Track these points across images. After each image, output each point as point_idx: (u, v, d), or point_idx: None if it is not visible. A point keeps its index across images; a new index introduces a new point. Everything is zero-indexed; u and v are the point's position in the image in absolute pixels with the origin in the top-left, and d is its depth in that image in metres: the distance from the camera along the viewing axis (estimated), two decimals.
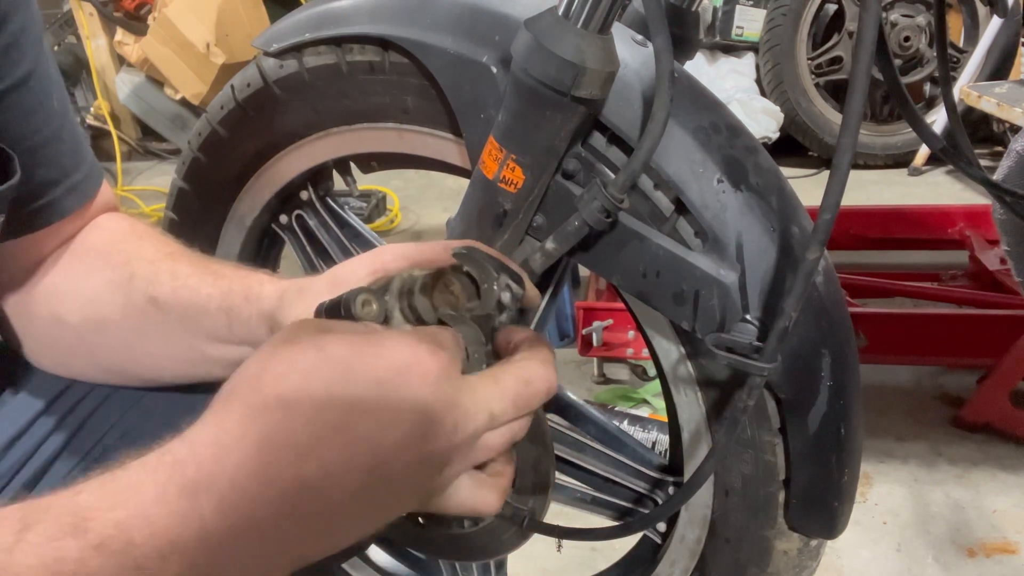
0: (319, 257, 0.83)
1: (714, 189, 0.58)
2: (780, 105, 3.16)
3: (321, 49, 0.69)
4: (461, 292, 0.54)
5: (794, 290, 0.51)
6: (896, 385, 1.75)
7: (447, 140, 0.68)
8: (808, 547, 0.69)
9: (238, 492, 0.36)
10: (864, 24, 0.47)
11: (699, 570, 0.73)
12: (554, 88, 0.52)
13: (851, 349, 0.62)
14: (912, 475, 1.48)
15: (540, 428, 0.58)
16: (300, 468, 0.37)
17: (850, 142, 0.47)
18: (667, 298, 0.59)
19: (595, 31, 0.52)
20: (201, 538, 0.36)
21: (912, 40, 3.07)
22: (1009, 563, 1.28)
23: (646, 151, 0.53)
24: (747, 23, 3.23)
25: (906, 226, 2.11)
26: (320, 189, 0.82)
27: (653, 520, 0.64)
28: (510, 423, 0.46)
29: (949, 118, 0.79)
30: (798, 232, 0.59)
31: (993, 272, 1.85)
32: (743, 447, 0.64)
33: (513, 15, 0.60)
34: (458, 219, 0.62)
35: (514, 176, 0.57)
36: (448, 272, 0.54)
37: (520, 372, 0.46)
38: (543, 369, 0.47)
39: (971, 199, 2.74)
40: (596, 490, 0.76)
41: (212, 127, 0.79)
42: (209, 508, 0.36)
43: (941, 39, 0.77)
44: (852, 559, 1.30)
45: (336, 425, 0.38)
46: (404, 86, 0.67)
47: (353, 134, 0.73)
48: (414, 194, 3.07)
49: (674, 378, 0.66)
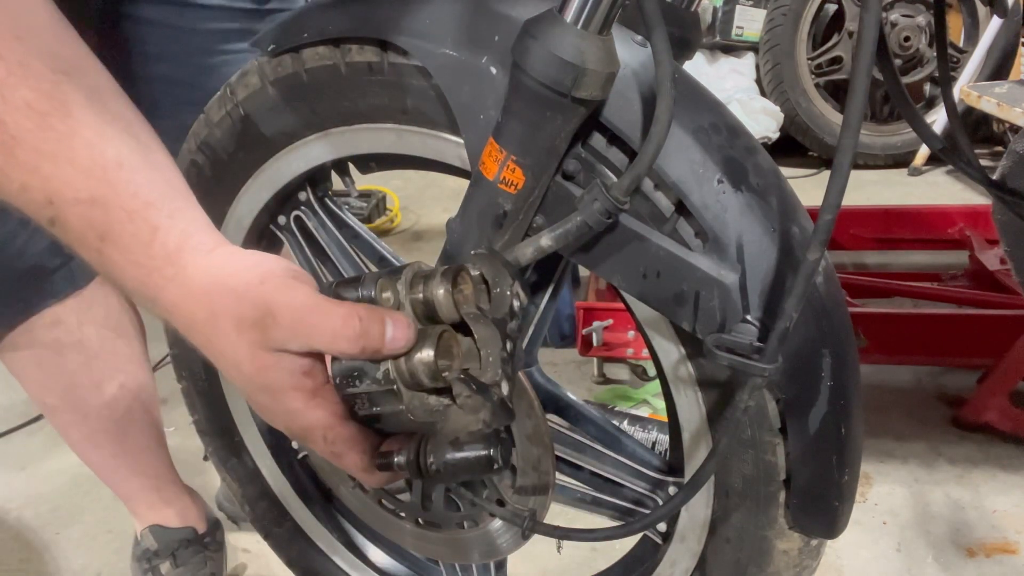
0: (318, 258, 0.83)
1: (714, 190, 0.58)
2: (780, 105, 3.16)
3: (320, 50, 0.69)
4: (472, 292, 0.54)
5: (795, 291, 0.51)
6: (896, 385, 1.75)
7: (446, 141, 0.68)
8: (808, 547, 0.69)
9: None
10: (865, 24, 0.47)
11: (699, 570, 0.73)
12: (554, 89, 0.52)
13: (851, 349, 0.62)
14: (912, 475, 1.48)
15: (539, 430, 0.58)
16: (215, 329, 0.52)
17: (851, 142, 0.47)
18: (667, 299, 0.59)
19: (595, 32, 0.52)
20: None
21: (912, 40, 3.07)
22: (1009, 563, 1.28)
23: (650, 155, 0.53)
24: (747, 23, 3.23)
25: (906, 226, 2.11)
26: (319, 190, 0.82)
27: (654, 521, 0.64)
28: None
29: (949, 118, 0.79)
30: (798, 232, 0.59)
31: (993, 272, 1.85)
32: (743, 447, 0.64)
33: (513, 15, 0.60)
34: (458, 220, 0.62)
35: (514, 177, 0.57)
36: (463, 271, 0.54)
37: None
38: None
39: (971, 199, 2.74)
40: (596, 490, 0.76)
41: (209, 127, 0.79)
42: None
43: (941, 39, 0.77)
44: (852, 559, 1.30)
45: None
46: (403, 87, 0.67)
47: (352, 135, 0.73)
48: (414, 194, 3.07)
49: (674, 378, 0.66)
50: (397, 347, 0.52)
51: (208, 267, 0.52)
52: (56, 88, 0.49)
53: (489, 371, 0.52)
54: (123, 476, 1.18)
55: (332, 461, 0.56)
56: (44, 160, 0.49)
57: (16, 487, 1.60)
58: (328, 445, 0.54)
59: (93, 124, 0.50)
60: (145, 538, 1.21)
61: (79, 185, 0.49)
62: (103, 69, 0.54)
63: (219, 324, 0.51)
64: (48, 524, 1.49)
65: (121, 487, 1.20)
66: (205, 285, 0.51)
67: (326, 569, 1.03)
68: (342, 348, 0.51)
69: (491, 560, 0.85)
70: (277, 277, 0.52)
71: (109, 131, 0.51)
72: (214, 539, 1.26)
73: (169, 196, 0.53)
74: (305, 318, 0.50)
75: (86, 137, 0.49)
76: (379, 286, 0.53)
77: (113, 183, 0.50)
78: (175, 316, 0.53)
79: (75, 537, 1.46)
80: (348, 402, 0.55)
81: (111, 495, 1.22)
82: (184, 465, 1.27)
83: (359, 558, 1.01)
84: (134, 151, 0.52)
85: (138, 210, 0.51)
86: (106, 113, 0.51)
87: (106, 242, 0.51)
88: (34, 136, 0.48)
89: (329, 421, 0.54)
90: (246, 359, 0.52)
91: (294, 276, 0.53)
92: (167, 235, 0.51)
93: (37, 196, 0.49)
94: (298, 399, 0.53)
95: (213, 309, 0.51)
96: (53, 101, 0.49)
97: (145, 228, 0.51)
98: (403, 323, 0.52)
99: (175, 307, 0.52)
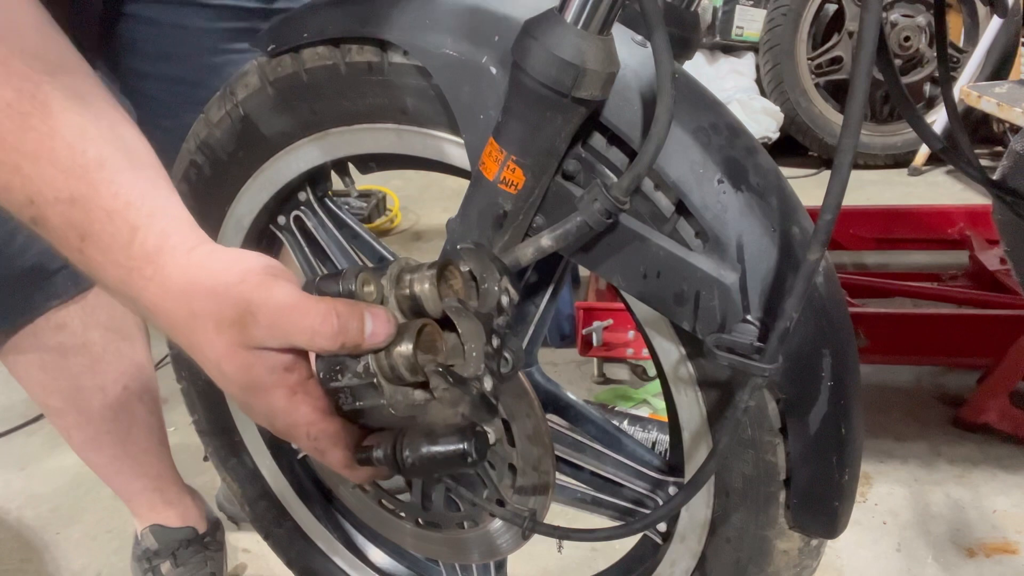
0: (317, 258, 0.83)
1: (715, 190, 0.58)
2: (780, 105, 3.16)
3: (319, 50, 0.69)
4: (461, 288, 0.54)
5: (795, 291, 0.51)
6: (896, 385, 1.75)
7: (446, 141, 0.68)
8: (808, 547, 0.69)
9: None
10: (865, 24, 0.46)
11: (700, 570, 0.73)
12: (554, 89, 0.52)
13: (851, 349, 0.62)
14: (912, 475, 1.48)
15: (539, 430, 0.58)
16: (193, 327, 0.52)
17: (851, 143, 0.47)
18: (668, 299, 0.59)
19: (595, 32, 0.52)
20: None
21: (912, 40, 3.07)
22: (1009, 563, 1.28)
23: (650, 155, 0.53)
24: (747, 23, 3.23)
25: (906, 226, 2.11)
26: (318, 190, 0.82)
27: (654, 521, 0.64)
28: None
29: (949, 118, 0.79)
30: (798, 233, 0.59)
31: (993, 272, 1.85)
32: (744, 447, 0.64)
33: (513, 16, 0.60)
34: (458, 220, 0.61)
35: (514, 177, 0.57)
36: (451, 266, 0.54)
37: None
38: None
39: (971, 199, 2.74)
40: (596, 490, 0.76)
41: (209, 127, 0.79)
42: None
43: (941, 39, 0.77)
44: (852, 559, 1.30)
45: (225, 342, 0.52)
46: (403, 87, 0.67)
47: (351, 135, 0.73)
48: (414, 194, 3.07)
49: (674, 378, 0.66)
50: (377, 341, 0.52)
51: (187, 266, 0.52)
52: (38, 89, 0.50)
53: (471, 365, 0.52)
54: (125, 478, 1.18)
55: (316, 457, 0.56)
56: (25, 160, 0.49)
57: (16, 487, 1.60)
58: (312, 441, 0.54)
59: (75, 124, 0.51)
60: (145, 538, 1.21)
61: (60, 185, 0.50)
62: (89, 70, 0.55)
63: (199, 324, 0.51)
64: (48, 524, 1.49)
65: (123, 488, 1.20)
66: (183, 285, 0.52)
67: (326, 569, 1.03)
68: (321, 345, 0.51)
69: (491, 560, 0.85)
70: (256, 275, 0.52)
71: (91, 131, 0.51)
72: (214, 539, 1.26)
73: (150, 195, 0.53)
74: (284, 316, 0.50)
75: (67, 138, 0.50)
76: (360, 280, 0.53)
77: (94, 183, 0.50)
78: (156, 316, 0.53)
79: (75, 537, 1.46)
80: (332, 397, 0.55)
81: (111, 495, 1.22)
82: (184, 465, 1.27)
83: (359, 558, 1.01)
84: (117, 151, 0.52)
85: (118, 210, 0.51)
86: (88, 113, 0.52)
87: (87, 242, 0.51)
88: (15, 136, 0.49)
89: (312, 417, 0.54)
90: (227, 358, 0.52)
91: (273, 273, 0.53)
92: (146, 235, 0.51)
93: (18, 196, 0.50)
94: (281, 396, 0.53)
95: (192, 309, 0.51)
96: (35, 102, 0.49)
97: (125, 228, 0.51)
98: (383, 317, 0.52)
99: (156, 307, 0.52)
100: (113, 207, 0.51)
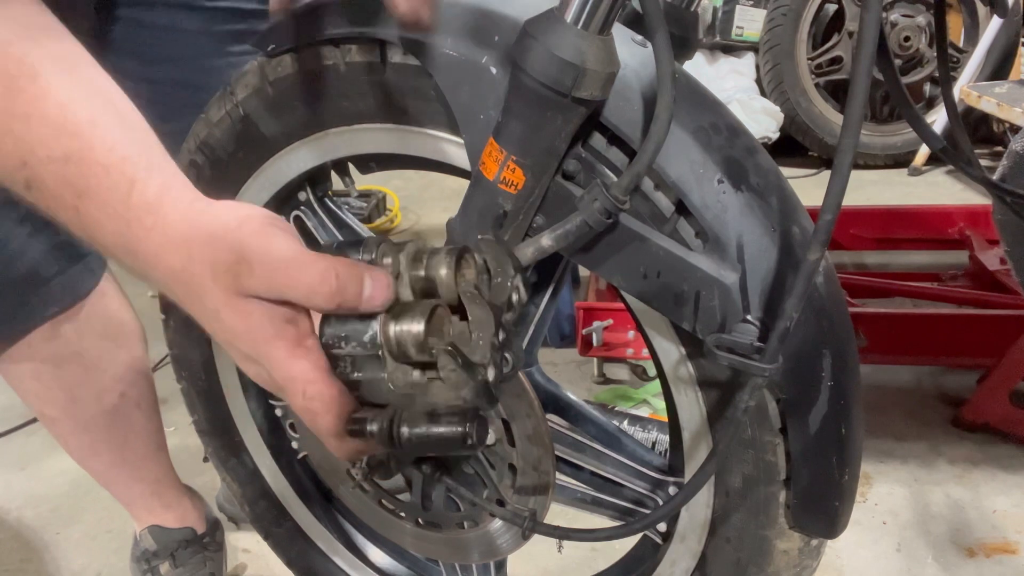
0: None
1: (715, 189, 0.58)
2: (780, 105, 3.16)
3: (320, 50, 0.69)
4: (474, 277, 0.54)
5: (795, 291, 0.51)
6: (896, 385, 1.75)
7: (446, 141, 0.68)
8: (808, 547, 0.69)
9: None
10: (865, 24, 0.47)
11: (700, 570, 0.73)
12: (554, 89, 0.52)
13: (851, 349, 0.62)
14: (912, 475, 1.48)
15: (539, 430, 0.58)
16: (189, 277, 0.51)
17: (851, 143, 0.47)
18: (668, 299, 0.59)
19: (595, 32, 0.52)
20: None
21: (912, 40, 3.07)
22: (1009, 563, 1.28)
23: (650, 154, 0.53)
24: (747, 23, 3.23)
25: (906, 226, 2.11)
26: (318, 190, 0.82)
27: (654, 520, 0.64)
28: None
29: (949, 118, 0.79)
30: (799, 233, 0.59)
31: (993, 272, 1.85)
32: (744, 447, 0.64)
33: (513, 16, 0.60)
34: (458, 220, 0.62)
35: (514, 177, 0.57)
36: (468, 253, 0.54)
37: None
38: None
39: (971, 199, 2.74)
40: (596, 490, 0.76)
41: (209, 127, 0.79)
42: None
43: (941, 39, 0.77)
44: (852, 559, 1.30)
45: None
46: (403, 87, 0.67)
47: (351, 135, 0.73)
48: (414, 194, 3.07)
49: (674, 378, 0.66)
50: (374, 305, 0.51)
51: (187, 213, 0.51)
52: (26, 55, 0.49)
53: (478, 352, 0.51)
54: (123, 483, 1.18)
55: (306, 421, 0.54)
56: (16, 121, 0.49)
57: (16, 487, 1.60)
58: (306, 400, 0.52)
59: (65, 86, 0.50)
60: (144, 538, 1.21)
61: (52, 144, 0.49)
62: (75, 40, 0.54)
63: (195, 270, 0.50)
64: (48, 524, 1.49)
65: (121, 493, 1.19)
66: (184, 231, 0.51)
67: (326, 569, 1.03)
68: (317, 303, 0.50)
69: (491, 560, 0.85)
70: (255, 221, 0.51)
71: (81, 93, 0.51)
72: (213, 539, 1.26)
73: (146, 152, 0.52)
74: (281, 269, 0.49)
75: (58, 98, 0.49)
76: (380, 251, 0.53)
77: (88, 139, 0.50)
78: (155, 269, 0.52)
79: (75, 537, 1.46)
80: (331, 362, 0.54)
81: (111, 496, 1.22)
82: (184, 466, 1.27)
83: (359, 558, 1.01)
84: (108, 112, 0.52)
85: (115, 164, 0.50)
86: (77, 76, 0.51)
87: (83, 199, 0.50)
88: (5, 100, 0.48)
89: (312, 375, 0.52)
90: (225, 306, 0.50)
91: (273, 223, 0.51)
92: (145, 186, 0.51)
93: (11, 160, 0.49)
94: (281, 347, 0.51)
95: (191, 254, 0.50)
96: (23, 66, 0.49)
97: (123, 181, 0.50)
98: (383, 282, 0.52)
99: (155, 257, 0.51)
100: (109, 161, 0.50)
